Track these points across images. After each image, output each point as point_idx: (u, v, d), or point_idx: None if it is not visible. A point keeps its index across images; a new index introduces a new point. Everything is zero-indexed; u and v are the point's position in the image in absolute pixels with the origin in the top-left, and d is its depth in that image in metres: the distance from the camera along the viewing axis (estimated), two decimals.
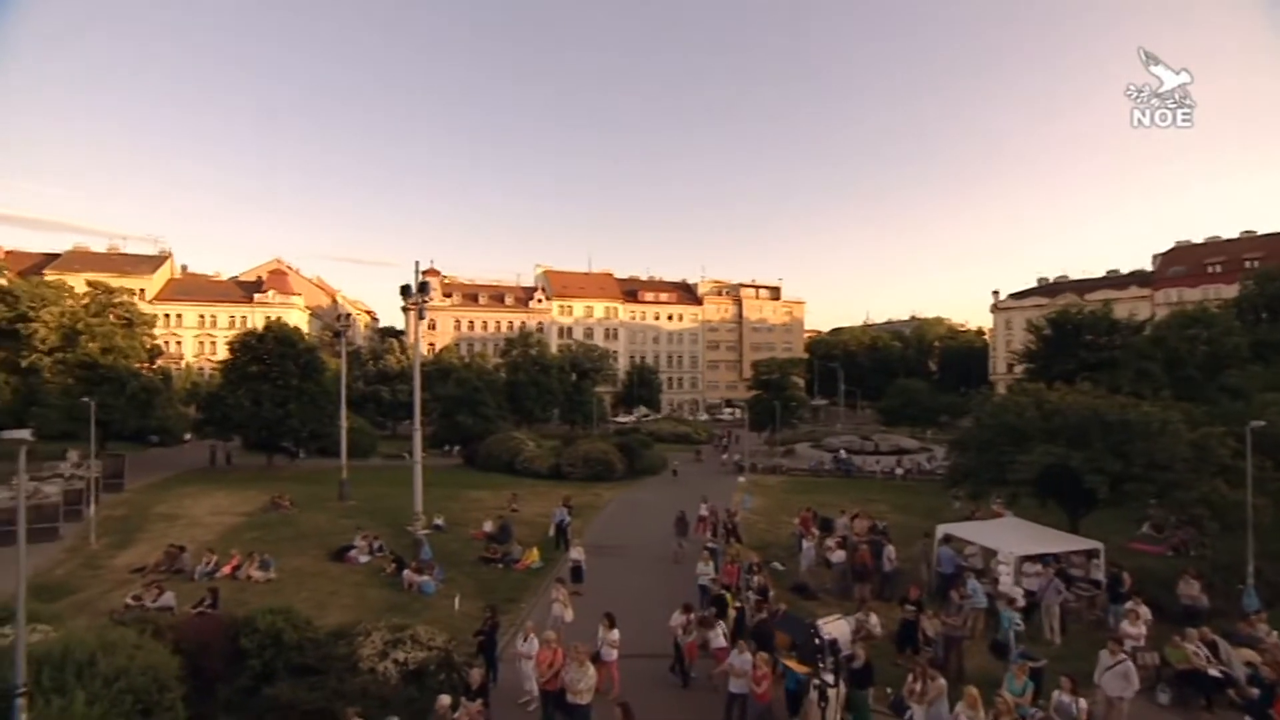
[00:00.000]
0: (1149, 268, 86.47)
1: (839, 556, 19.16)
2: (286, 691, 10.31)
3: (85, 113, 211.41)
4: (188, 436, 49.16)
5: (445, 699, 9.81)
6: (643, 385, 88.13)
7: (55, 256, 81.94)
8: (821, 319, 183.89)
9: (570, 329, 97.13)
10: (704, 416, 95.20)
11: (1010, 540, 18.07)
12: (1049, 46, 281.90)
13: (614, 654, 12.20)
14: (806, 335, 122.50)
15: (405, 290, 26.87)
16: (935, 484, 33.20)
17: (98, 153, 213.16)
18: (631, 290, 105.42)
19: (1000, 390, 61.82)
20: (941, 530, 19.91)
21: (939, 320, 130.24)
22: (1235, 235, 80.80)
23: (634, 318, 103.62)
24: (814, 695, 10.20)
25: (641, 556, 23.22)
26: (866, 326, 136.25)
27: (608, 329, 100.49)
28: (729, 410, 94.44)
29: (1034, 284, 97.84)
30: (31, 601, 14.53)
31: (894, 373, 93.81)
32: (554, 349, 78.93)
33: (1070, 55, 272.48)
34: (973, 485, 23.09)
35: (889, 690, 12.12)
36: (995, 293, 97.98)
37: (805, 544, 20.47)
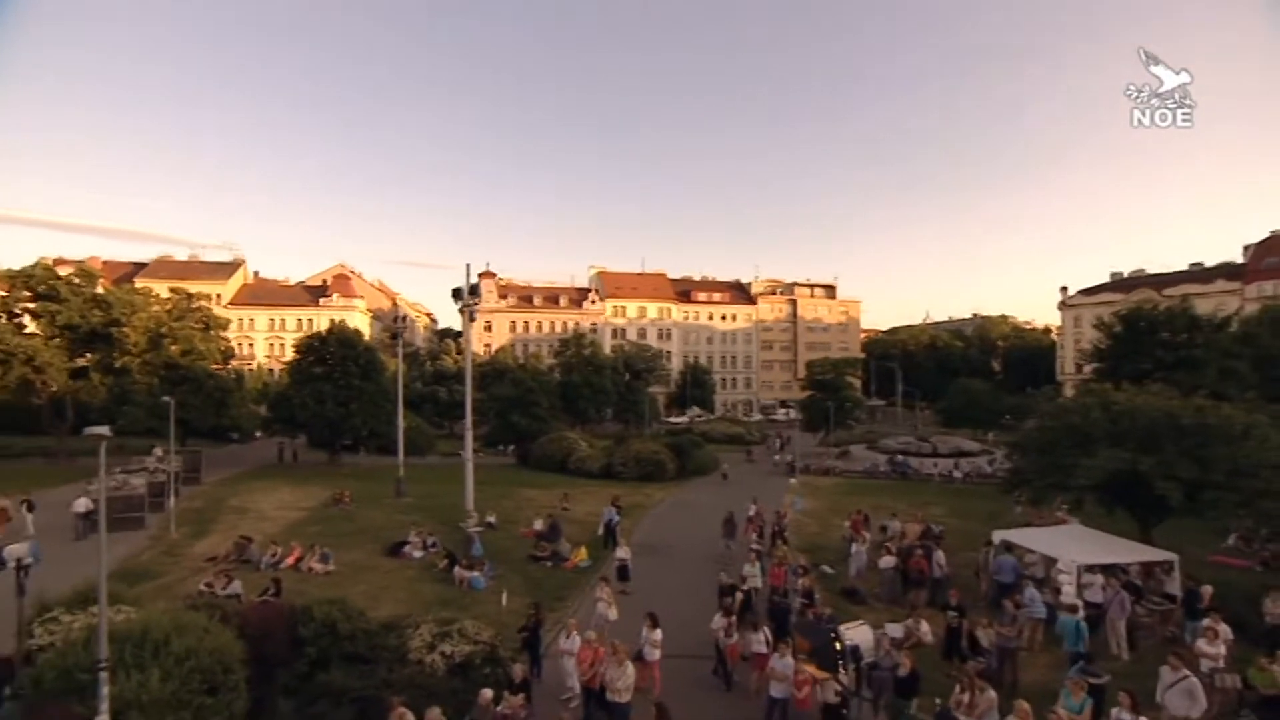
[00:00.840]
0: (1240, 259, 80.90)
1: (889, 561, 18.72)
2: (339, 679, 10.76)
3: (168, 129, 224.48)
4: (258, 434, 51.73)
5: (488, 692, 10.06)
6: (696, 386, 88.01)
7: (143, 265, 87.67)
8: (879, 318, 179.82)
9: (624, 330, 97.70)
10: (758, 417, 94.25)
11: (1072, 548, 17.30)
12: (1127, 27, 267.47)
13: (656, 654, 12.26)
14: (863, 335, 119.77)
15: (456, 293, 27.68)
16: (996, 488, 32.00)
17: (181, 165, 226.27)
18: (685, 290, 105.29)
19: (1068, 391, 59.02)
20: (999, 537, 19.21)
21: (1003, 318, 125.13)
22: None
23: (687, 318, 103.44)
24: (836, 701, 10.03)
25: (689, 557, 23.21)
26: (926, 325, 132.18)
27: (661, 329, 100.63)
28: (783, 411, 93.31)
29: (1107, 279, 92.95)
30: (118, 585, 15.63)
31: (954, 373, 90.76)
32: (607, 350, 79.57)
33: (1150, 38, 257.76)
34: (1032, 490, 22.17)
35: (937, 700, 11.76)
36: (1063, 289, 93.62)
37: (855, 547, 20.08)
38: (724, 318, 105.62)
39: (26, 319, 46.51)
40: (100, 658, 7.99)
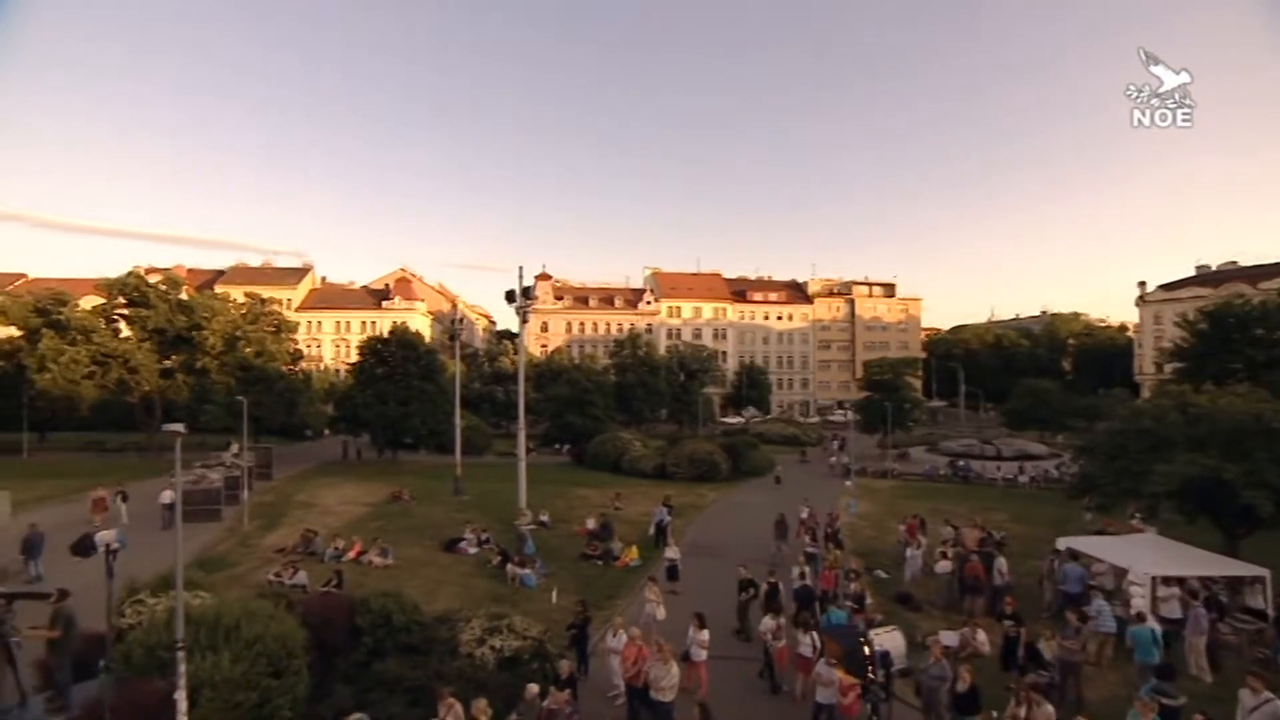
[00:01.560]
0: None
1: (945, 567, 18.15)
2: (393, 668, 11.20)
3: (247, 143, 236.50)
4: (325, 432, 54.06)
5: (534, 687, 10.25)
6: (752, 386, 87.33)
7: (222, 272, 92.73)
8: (941, 317, 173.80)
9: (679, 330, 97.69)
10: (815, 418, 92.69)
11: (1145, 558, 16.37)
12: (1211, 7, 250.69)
13: (703, 654, 12.26)
14: (924, 334, 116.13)
15: (510, 295, 28.19)
16: (1063, 494, 30.63)
17: (257, 175, 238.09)
18: (740, 290, 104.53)
19: (1146, 393, 55.80)
20: (1064, 544, 18.36)
21: (1074, 316, 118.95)
22: None
23: (743, 318, 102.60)
24: (867, 708, 9.81)
25: (740, 558, 22.93)
26: (991, 324, 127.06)
27: (716, 329, 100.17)
28: (840, 412, 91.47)
29: (1191, 272, 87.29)
30: (196, 572, 16.74)
31: (1021, 373, 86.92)
32: (662, 350, 79.72)
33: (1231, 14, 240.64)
34: (1101, 496, 21.05)
35: (994, 714, 11.35)
36: (1141, 284, 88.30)
37: (910, 552, 19.54)
38: (780, 317, 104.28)
39: (122, 324, 50.08)
40: (178, 639, 8.56)
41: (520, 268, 27.95)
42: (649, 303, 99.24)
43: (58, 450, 46.06)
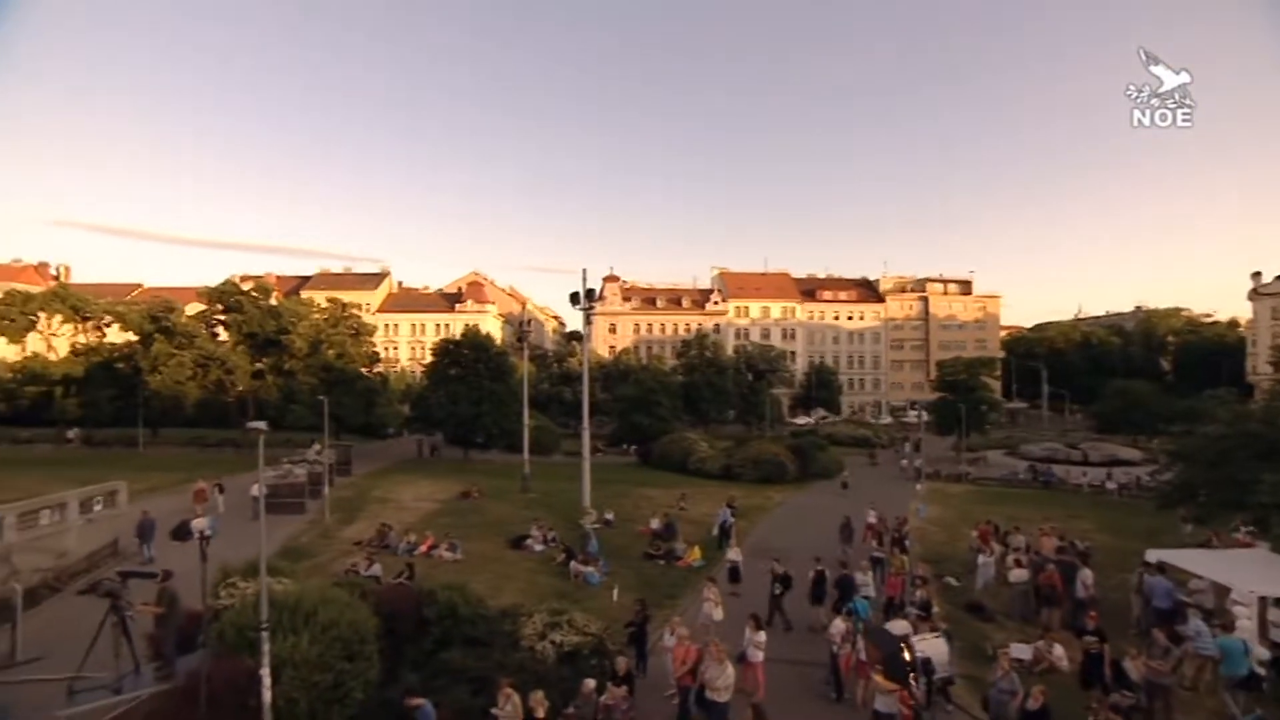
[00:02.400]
0: None
1: (1019, 575, 17.29)
2: (457, 658, 11.68)
3: (332, 155, 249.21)
4: (401, 432, 56.43)
5: (590, 682, 10.49)
6: (821, 386, 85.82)
7: (307, 279, 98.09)
8: (1022, 314, 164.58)
9: (747, 330, 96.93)
10: (887, 420, 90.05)
11: (1252, 576, 15.07)
12: None
13: (760, 655, 12.19)
14: (1003, 332, 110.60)
15: (574, 297, 28.68)
16: (1155, 502, 28.63)
17: (342, 185, 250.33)
18: (809, 289, 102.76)
19: (1260, 394, 51.39)
20: (1155, 557, 17.18)
21: (1174, 311, 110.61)
22: None
23: (812, 317, 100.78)
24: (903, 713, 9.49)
25: (803, 562, 22.60)
26: (1078, 321, 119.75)
27: (785, 329, 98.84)
28: (913, 413, 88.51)
29: None
30: (281, 561, 17.90)
31: (1111, 372, 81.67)
32: (730, 350, 79.33)
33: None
34: (1198, 507, 19.57)
35: None
36: (1256, 275, 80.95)
37: (982, 559, 18.72)
38: (850, 316, 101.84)
39: (220, 329, 54.04)
40: (263, 620, 9.22)
41: (584, 270, 28.46)
42: (716, 303, 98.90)
43: (166, 445, 49.92)
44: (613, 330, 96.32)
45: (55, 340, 59.03)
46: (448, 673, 11.26)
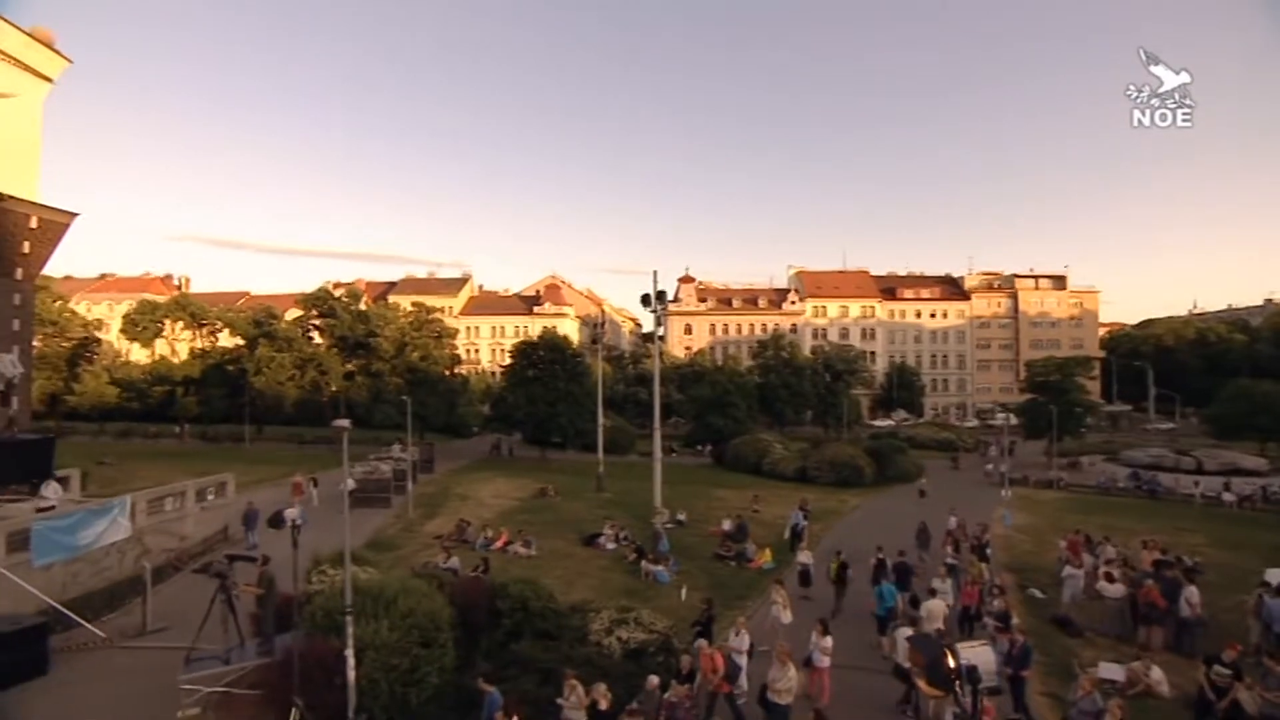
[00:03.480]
0: None
1: (1115, 590, 16.23)
2: (527, 650, 12.17)
3: (418, 165, 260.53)
4: (476, 429, 58.58)
5: (654, 679, 10.67)
6: (902, 388, 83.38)
7: (394, 284, 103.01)
8: (1124, 311, 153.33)
9: (824, 330, 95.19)
10: (973, 422, 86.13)
11: None
12: None
13: (826, 661, 12.05)
14: (1104, 329, 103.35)
15: (645, 300, 28.95)
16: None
17: (425, 192, 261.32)
18: (890, 288, 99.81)
19: None
20: (1276, 576, 15.77)
21: None
22: None
23: (893, 316, 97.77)
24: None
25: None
26: (1191, 316, 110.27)
27: (864, 329, 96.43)
28: (1002, 415, 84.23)
29: None
30: (367, 551, 19.09)
31: (1233, 372, 74.70)
32: (807, 351, 78.11)
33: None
34: None
35: None
36: None
37: (1070, 570, 17.65)
38: (933, 315, 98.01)
39: (315, 333, 57.80)
40: (347, 605, 9.94)
41: (654, 273, 28.64)
42: (793, 302, 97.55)
43: (269, 441, 53.78)
44: (688, 331, 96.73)
45: (178, 344, 64.86)
46: (517, 663, 11.74)
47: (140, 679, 12.26)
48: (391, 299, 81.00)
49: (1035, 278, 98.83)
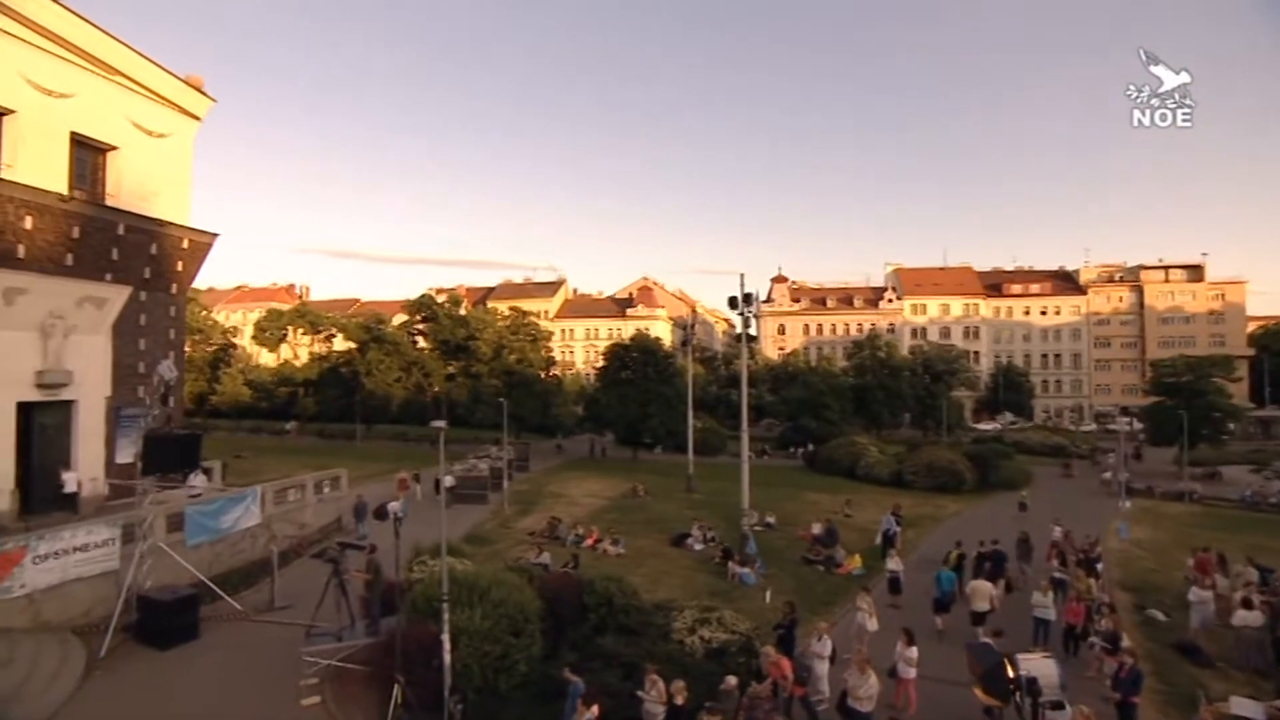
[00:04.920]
0: None
1: (1252, 618, 14.66)
2: (611, 644, 12.65)
3: (516, 173, 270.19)
4: (574, 430, 60.11)
5: (733, 679, 10.80)
6: (1009, 389, 78.74)
7: (492, 289, 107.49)
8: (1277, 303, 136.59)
9: (924, 329, 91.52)
10: (1091, 426, 79.81)
11: None
12: None
13: (911, 672, 11.77)
14: (1252, 325, 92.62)
15: (733, 302, 28.97)
16: None
17: (522, 199, 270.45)
18: (995, 284, 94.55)
19: None
20: None
21: None
22: None
23: (998, 314, 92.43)
24: None
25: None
26: None
27: (967, 327, 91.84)
28: (1125, 419, 77.49)
29: None
30: (465, 545, 20.22)
31: None
32: (905, 351, 75.38)
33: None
34: None
35: None
36: None
37: (1197, 592, 16.14)
38: (1044, 311, 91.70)
39: (419, 337, 61.40)
40: (443, 593, 10.71)
41: (741, 275, 28.66)
42: (890, 301, 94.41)
43: (378, 439, 57.66)
44: (781, 331, 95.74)
45: (299, 348, 70.84)
46: (602, 656, 12.21)
47: (270, 649, 13.68)
48: (490, 303, 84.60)
49: (1165, 269, 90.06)
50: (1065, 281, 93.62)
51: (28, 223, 18.46)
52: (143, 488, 16.44)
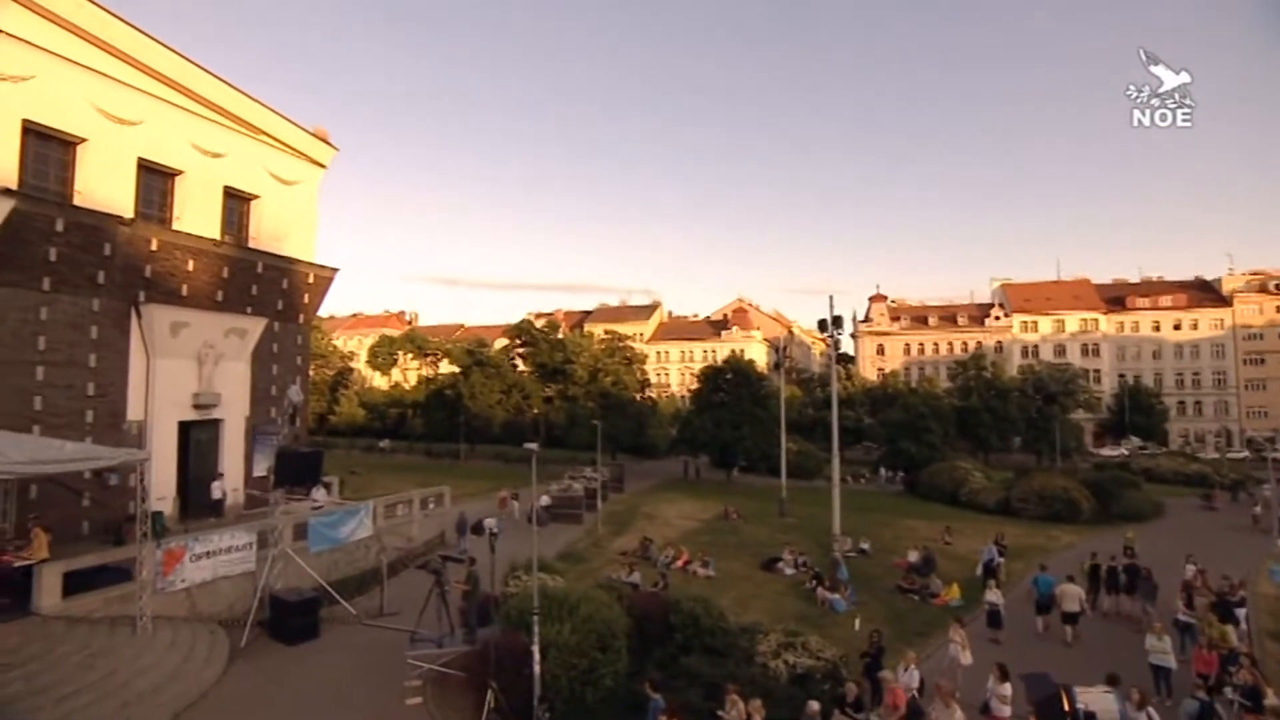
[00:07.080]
0: None
1: None
2: (695, 664, 12.84)
3: (612, 199, 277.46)
4: (676, 453, 60.65)
5: (814, 705, 10.76)
6: (1137, 411, 72.13)
7: (589, 313, 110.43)
8: None
9: (1035, 347, 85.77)
10: (1242, 453, 71.55)
11: None
12: None
13: (1006, 710, 11.24)
14: None
15: (822, 325, 28.63)
16: None
17: (618, 224, 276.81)
18: (1117, 297, 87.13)
19: None
20: None
21: None
22: None
23: (1122, 329, 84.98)
24: None
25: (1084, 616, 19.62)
26: None
27: (1085, 344, 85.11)
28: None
29: None
30: (559, 562, 21.04)
31: None
32: (1014, 370, 70.95)
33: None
34: None
35: None
36: None
37: None
38: (1177, 326, 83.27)
39: (519, 360, 64.18)
40: (535, 607, 11.38)
41: (830, 298, 28.45)
42: (997, 318, 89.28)
43: (480, 458, 60.38)
44: (880, 352, 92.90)
45: (408, 372, 75.78)
46: (685, 675, 12.45)
47: (379, 651, 14.84)
48: (586, 327, 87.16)
49: None
50: (1204, 292, 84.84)
51: (190, 265, 21.47)
52: (273, 499, 18.33)
